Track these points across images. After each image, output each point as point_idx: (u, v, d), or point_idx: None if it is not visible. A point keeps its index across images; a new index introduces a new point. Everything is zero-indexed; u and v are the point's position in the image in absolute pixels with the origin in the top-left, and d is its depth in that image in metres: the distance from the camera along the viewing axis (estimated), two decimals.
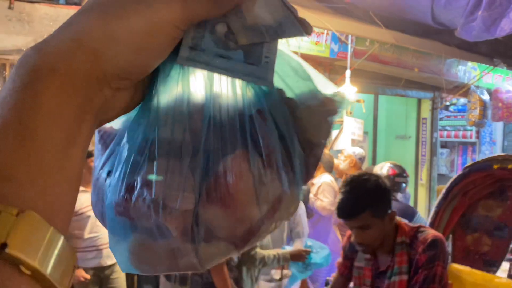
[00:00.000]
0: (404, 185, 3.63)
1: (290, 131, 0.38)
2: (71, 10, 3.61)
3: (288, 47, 4.26)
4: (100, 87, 0.30)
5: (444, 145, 9.38)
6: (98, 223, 3.28)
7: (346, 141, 5.26)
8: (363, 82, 5.86)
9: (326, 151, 5.17)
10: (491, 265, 2.19)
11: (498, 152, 8.84)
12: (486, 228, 2.06)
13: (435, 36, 5.27)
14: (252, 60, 0.35)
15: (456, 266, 2.14)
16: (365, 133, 6.69)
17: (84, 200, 2.96)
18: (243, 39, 0.34)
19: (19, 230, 0.25)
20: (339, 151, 5.01)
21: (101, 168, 0.39)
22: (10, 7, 3.33)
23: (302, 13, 3.85)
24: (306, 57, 5.07)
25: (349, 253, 1.99)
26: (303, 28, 0.35)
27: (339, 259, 2.07)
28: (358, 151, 4.61)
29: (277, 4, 0.35)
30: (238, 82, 0.37)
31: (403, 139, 7.73)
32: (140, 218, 0.35)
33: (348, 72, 4.86)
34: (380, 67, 5.80)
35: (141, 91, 0.36)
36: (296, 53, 4.90)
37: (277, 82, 0.39)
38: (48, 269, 0.26)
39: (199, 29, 0.33)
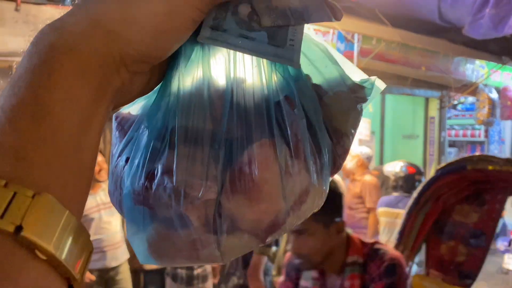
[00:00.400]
0: (418, 183, 3.63)
1: (319, 119, 0.36)
2: None
3: None
4: (117, 69, 0.30)
5: (452, 144, 9.32)
6: (103, 225, 3.30)
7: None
8: None
9: None
10: (466, 277, 1.99)
11: (507, 151, 8.76)
12: (462, 236, 1.89)
13: (442, 34, 5.23)
14: (277, 42, 0.33)
15: (426, 278, 1.98)
16: (372, 132, 6.66)
17: (88, 202, 2.93)
18: (267, 20, 0.33)
19: (35, 213, 0.24)
20: None
21: (119, 155, 0.37)
22: (16, 9, 3.35)
23: None
24: None
25: (292, 272, 1.66)
26: (332, 13, 0.34)
27: (281, 278, 1.77)
28: (365, 150, 4.60)
29: None
30: (263, 67, 0.36)
31: (410, 138, 7.69)
32: (160, 207, 0.34)
33: None
34: (387, 66, 5.77)
35: (158, 74, 0.35)
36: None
37: (306, 66, 0.38)
38: (63, 254, 0.25)
39: (221, 10, 0.32)
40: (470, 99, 8.40)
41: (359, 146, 4.97)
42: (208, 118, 0.34)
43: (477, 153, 9.46)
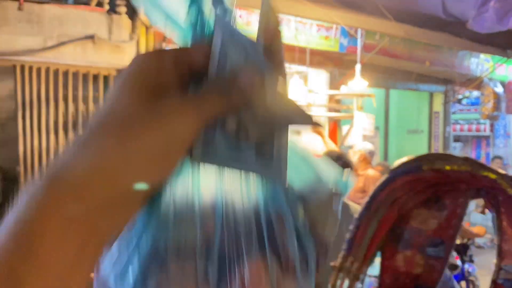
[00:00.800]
0: None
1: (306, 231, 0.38)
2: (80, 11, 3.63)
3: (298, 42, 4.14)
4: (112, 209, 0.29)
5: (457, 139, 9.28)
6: None
7: (357, 136, 5.23)
8: (374, 76, 5.81)
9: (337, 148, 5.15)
10: None
11: None
12: (420, 245, 1.67)
13: (447, 29, 5.19)
14: (264, 155, 0.35)
15: None
16: (376, 128, 6.64)
17: None
18: (254, 133, 0.34)
19: None
20: (350, 147, 4.99)
21: (111, 268, 0.37)
22: (19, 9, 3.36)
23: (311, 7, 3.74)
24: (315, 52, 5.04)
25: None
26: (311, 121, 0.36)
27: None
28: (367, 146, 4.70)
29: (286, 99, 0.36)
30: (253, 181, 0.37)
31: (415, 133, 7.66)
32: None
33: (358, 67, 4.82)
34: (391, 61, 5.74)
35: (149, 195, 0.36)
36: (305, 48, 4.85)
37: (288, 173, 0.39)
38: None
39: (209, 125, 0.33)
40: (475, 93, 8.35)
41: (362, 142, 5.00)
42: (199, 235, 0.34)
43: (483, 150, 9.32)
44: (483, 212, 3.83)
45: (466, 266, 4.08)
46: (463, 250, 4.13)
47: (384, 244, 1.67)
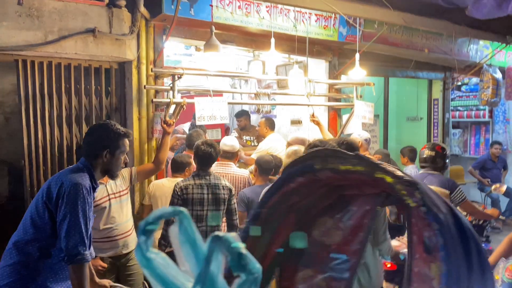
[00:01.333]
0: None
1: None
2: (80, 4, 3.64)
3: (297, 32, 4.13)
4: None
5: (456, 125, 9.30)
6: (113, 214, 3.32)
7: (357, 124, 5.26)
8: (373, 65, 5.82)
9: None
10: None
11: None
12: (322, 262, 1.36)
13: (445, 16, 5.19)
14: None
15: None
16: (376, 116, 6.67)
17: (99, 192, 3.00)
18: None
19: None
20: (349, 135, 5.03)
21: None
22: (19, 3, 3.36)
23: None
24: (314, 42, 5.05)
25: None
26: None
27: None
28: (364, 133, 4.80)
29: None
30: None
31: (414, 120, 7.69)
32: None
33: (357, 56, 4.84)
34: (390, 49, 5.75)
35: None
36: (304, 38, 4.84)
37: None
38: None
39: None
40: (474, 80, 8.36)
41: (359, 130, 5.06)
42: None
43: (482, 136, 9.26)
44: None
45: (483, 246, 4.18)
46: (480, 231, 4.22)
47: (281, 261, 1.36)
